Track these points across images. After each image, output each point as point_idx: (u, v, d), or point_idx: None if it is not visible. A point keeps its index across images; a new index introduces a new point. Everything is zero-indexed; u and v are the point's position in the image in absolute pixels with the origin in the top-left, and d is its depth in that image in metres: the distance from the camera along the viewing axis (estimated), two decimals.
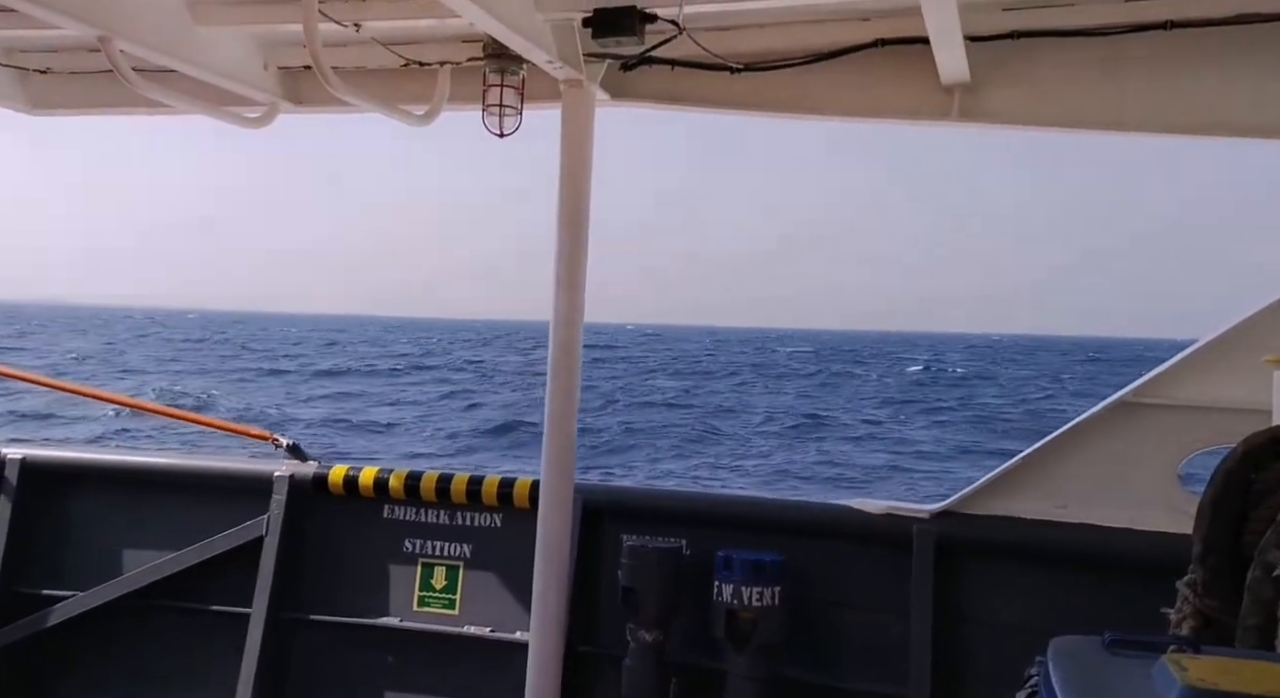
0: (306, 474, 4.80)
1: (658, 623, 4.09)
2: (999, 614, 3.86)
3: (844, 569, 4.13)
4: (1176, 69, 3.52)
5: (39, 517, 5.03)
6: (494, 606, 4.53)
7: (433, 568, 4.65)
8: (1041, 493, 3.85)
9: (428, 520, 4.69)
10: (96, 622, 4.84)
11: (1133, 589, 2.92)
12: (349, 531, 4.76)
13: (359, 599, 4.68)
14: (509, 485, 4.58)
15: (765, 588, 3.90)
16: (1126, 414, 3.74)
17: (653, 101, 4.12)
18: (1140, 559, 3.60)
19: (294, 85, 4.45)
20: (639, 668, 4.09)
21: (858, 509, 4.14)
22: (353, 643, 4.65)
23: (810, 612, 4.08)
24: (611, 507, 4.51)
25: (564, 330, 4.06)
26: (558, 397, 4.08)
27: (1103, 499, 3.75)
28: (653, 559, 4.11)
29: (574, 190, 4.05)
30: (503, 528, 4.60)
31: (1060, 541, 3.81)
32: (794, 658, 4.04)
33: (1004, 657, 3.08)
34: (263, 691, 4.59)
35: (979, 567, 3.96)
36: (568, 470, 4.12)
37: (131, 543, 4.89)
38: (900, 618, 3.94)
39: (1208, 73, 3.50)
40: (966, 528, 3.96)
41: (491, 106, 3.98)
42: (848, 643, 4.07)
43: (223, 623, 4.71)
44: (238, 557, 4.74)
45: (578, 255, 4.06)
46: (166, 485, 5.02)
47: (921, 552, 3.94)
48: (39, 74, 4.49)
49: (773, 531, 4.22)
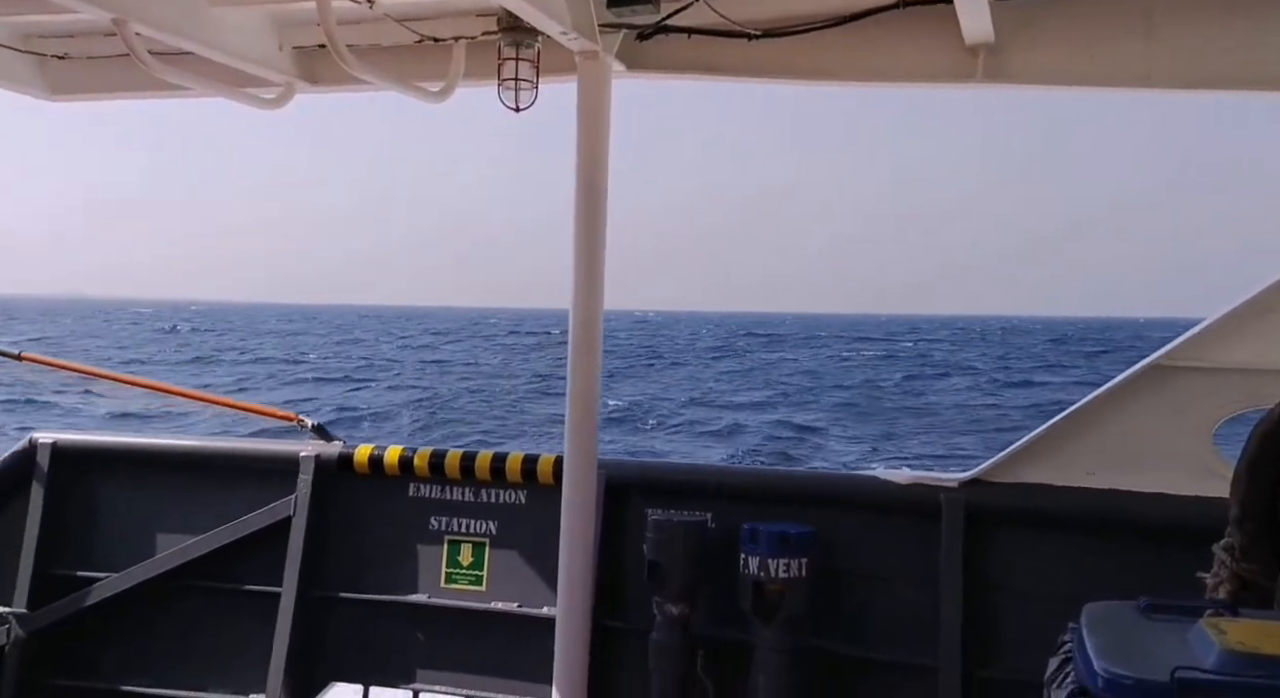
0: (332, 454, 4.83)
1: (684, 597, 4.09)
2: (1029, 583, 3.82)
3: (871, 540, 4.10)
4: (1206, 24, 3.42)
5: (71, 500, 5.10)
6: (520, 581, 4.54)
7: (459, 545, 4.67)
8: (1071, 460, 3.79)
9: (453, 498, 4.71)
10: (130, 603, 4.91)
11: (1167, 555, 2.87)
12: (375, 509, 4.79)
13: (387, 577, 4.71)
14: (533, 462, 4.59)
15: (792, 560, 3.88)
16: (1159, 378, 3.67)
17: (669, 71, 4.07)
18: (1174, 525, 3.55)
19: (309, 65, 4.43)
20: (666, 641, 4.09)
21: (884, 480, 4.11)
22: (381, 620, 4.69)
23: (838, 583, 4.06)
24: (635, 482, 4.50)
25: (584, 306, 4.04)
26: (579, 373, 4.08)
27: (1135, 465, 3.69)
28: (678, 533, 4.10)
29: (591, 163, 4.02)
30: (527, 504, 4.61)
31: (1091, 507, 3.76)
32: (822, 630, 4.02)
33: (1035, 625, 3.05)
34: (294, 667, 4.65)
35: (1008, 535, 3.92)
36: (591, 446, 4.12)
37: (162, 525, 4.95)
38: (929, 588, 3.92)
39: (1238, 27, 3.40)
40: (995, 496, 3.92)
41: (507, 81, 3.94)
42: (876, 614, 4.05)
43: (253, 602, 4.76)
44: (267, 537, 4.78)
45: (596, 230, 4.03)
46: (195, 468, 5.07)
47: (950, 521, 3.90)
48: (57, 59, 4.50)
49: (798, 503, 4.20)
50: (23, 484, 5.07)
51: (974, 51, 3.64)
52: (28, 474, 5.07)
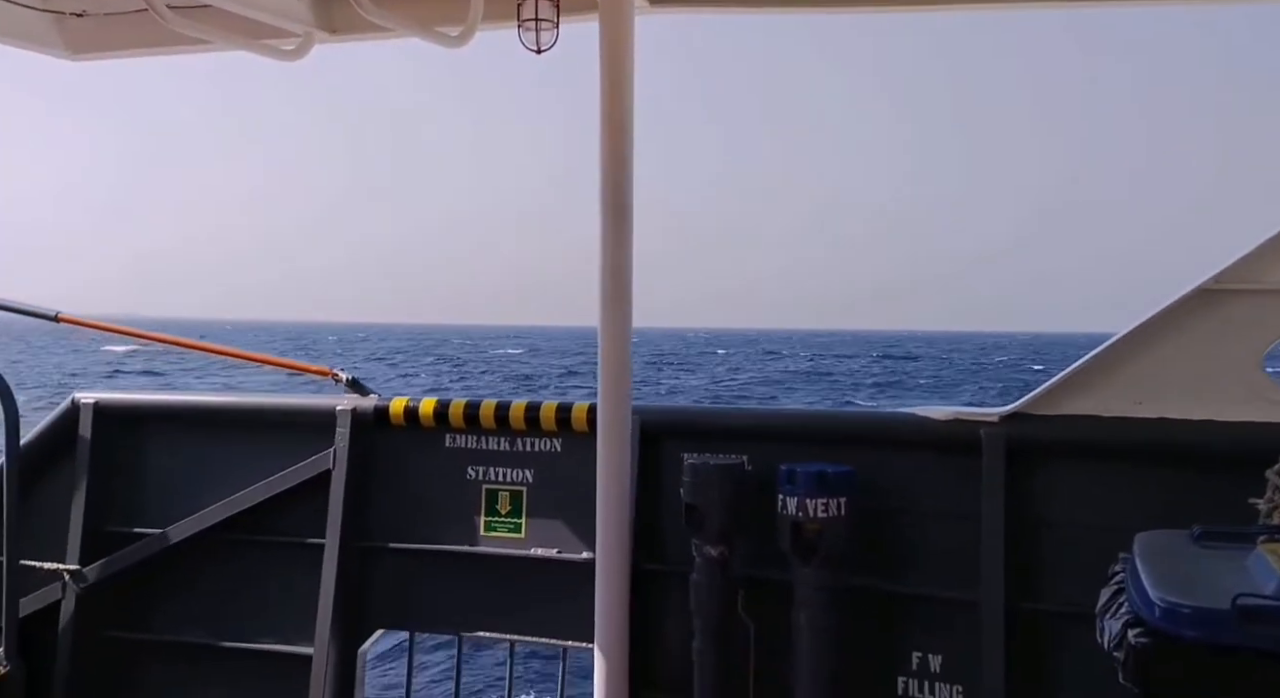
0: (368, 407, 4.86)
1: (722, 538, 4.09)
2: (1074, 515, 3.78)
3: (911, 477, 4.07)
4: None
5: (116, 459, 5.19)
6: (559, 528, 4.57)
7: (497, 494, 4.71)
8: (1116, 390, 3.72)
9: (489, 447, 4.73)
10: (178, 557, 5.01)
11: (1218, 483, 2.82)
12: (413, 460, 4.83)
13: (427, 527, 4.77)
14: (566, 410, 4.59)
15: (830, 499, 3.86)
16: (1206, 302, 3.58)
17: (696, 4, 3.96)
18: (1224, 452, 3.48)
19: (327, 13, 4.36)
20: (705, 583, 4.11)
21: (923, 416, 4.06)
22: (423, 569, 4.75)
23: (878, 521, 4.04)
24: (670, 427, 4.49)
25: (613, 253, 3.99)
26: (610, 321, 4.04)
27: (1182, 393, 3.62)
28: (714, 476, 4.09)
29: (616, 105, 3.94)
30: (563, 452, 4.62)
31: (1138, 437, 3.70)
32: (862, 568, 4.02)
33: (1080, 557, 3.02)
34: (340, 615, 4.73)
35: (1051, 468, 3.87)
36: (624, 392, 4.10)
37: (205, 481, 5.02)
38: (971, 524, 3.89)
39: None
40: (1037, 429, 3.86)
41: (527, 21, 3.85)
42: (918, 550, 4.04)
43: (298, 554, 4.84)
44: (308, 490, 4.84)
45: (622, 176, 3.96)
46: (235, 424, 5.12)
47: (991, 455, 3.86)
48: (74, 17, 4.45)
49: (835, 442, 4.17)
50: (68, 445, 5.16)
51: None
52: (72, 435, 5.16)
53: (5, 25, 4.30)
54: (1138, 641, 1.86)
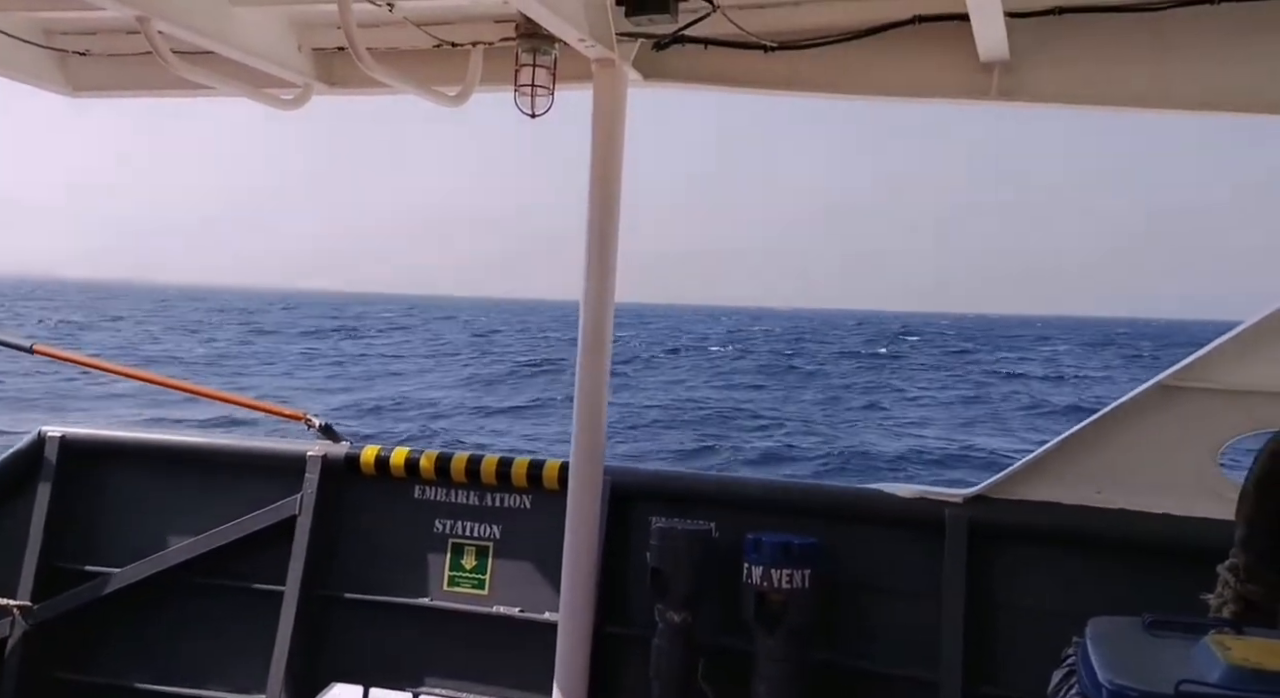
0: (339, 454, 4.85)
1: (686, 604, 4.09)
2: (1033, 600, 3.82)
3: (875, 553, 4.10)
4: (1224, 46, 3.43)
5: (78, 494, 5.12)
6: (523, 586, 4.55)
7: (463, 548, 4.68)
8: (1077, 478, 3.80)
9: (458, 501, 4.72)
10: (134, 598, 4.92)
11: (1171, 575, 2.88)
12: (381, 510, 4.80)
13: (390, 578, 4.72)
14: (538, 467, 4.60)
15: (795, 570, 3.88)
16: (1165, 398, 3.68)
17: (685, 81, 4.09)
18: (1179, 545, 3.55)
19: (328, 67, 4.47)
20: (667, 649, 4.09)
21: (889, 494, 4.11)
22: (384, 621, 4.70)
23: (841, 595, 4.06)
24: (640, 489, 4.51)
25: (594, 311, 4.06)
26: (587, 378, 4.09)
27: (1140, 485, 3.70)
28: (681, 541, 4.11)
29: (605, 171, 4.05)
30: (532, 509, 4.62)
31: (1096, 526, 3.77)
32: (824, 641, 4.02)
33: (1038, 642, 3.05)
34: (295, 666, 4.65)
35: (1012, 552, 3.92)
36: (597, 452, 4.13)
37: (168, 520, 4.96)
38: (932, 602, 3.92)
39: (1252, 48, 3.41)
40: (1000, 513, 3.92)
41: (524, 87, 3.97)
42: (879, 627, 4.05)
43: (257, 600, 4.77)
44: (272, 535, 4.79)
45: (609, 236, 4.05)
46: (202, 464, 5.08)
47: (954, 536, 3.91)
48: (78, 56, 4.54)
49: (803, 514, 4.21)
50: (30, 477, 5.09)
51: (989, 69, 3.65)
52: (35, 467, 5.09)
53: (9, 61, 4.38)
54: None
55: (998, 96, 3.66)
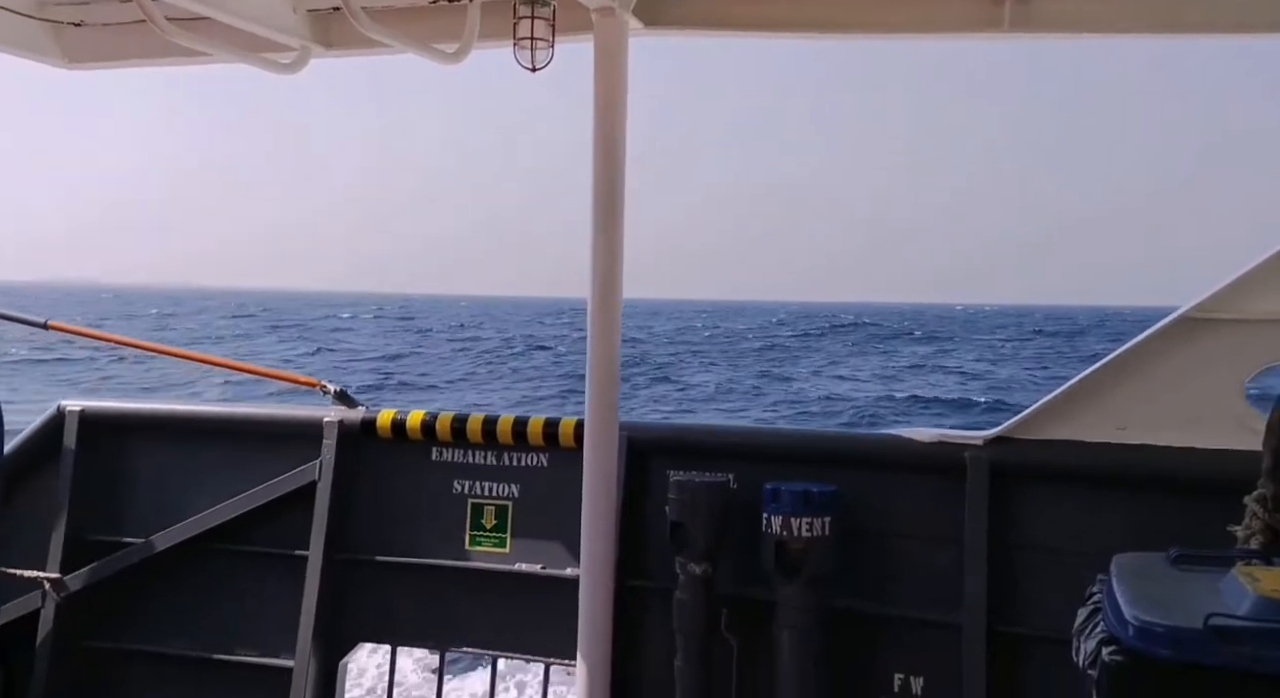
0: (355, 419, 4.86)
1: (706, 556, 4.10)
2: (1057, 539, 3.80)
3: (895, 498, 4.08)
4: None
5: (100, 467, 5.16)
6: (544, 544, 4.57)
7: (482, 508, 4.70)
8: (1099, 416, 3.75)
9: (475, 462, 4.73)
10: (160, 567, 4.98)
11: (1198, 510, 2.85)
12: (399, 473, 4.82)
13: (412, 540, 4.75)
14: (554, 425, 4.60)
15: (814, 518, 3.87)
16: (1189, 330, 3.62)
17: (689, 28, 4.01)
18: (1205, 479, 3.51)
19: (324, 28, 4.39)
20: (689, 601, 4.10)
21: (908, 438, 4.09)
22: (407, 582, 4.73)
23: (861, 542, 4.05)
24: (657, 443, 4.50)
25: (604, 268, 4.02)
26: (599, 336, 4.06)
27: (1165, 420, 3.65)
28: (700, 493, 4.10)
29: (608, 124, 3.98)
30: (549, 467, 4.62)
31: (1120, 463, 3.73)
32: (845, 588, 4.03)
33: (1063, 581, 3.04)
34: (322, 628, 4.71)
35: (1034, 492, 3.89)
36: (612, 409, 4.12)
37: (190, 490, 5.00)
38: (954, 546, 3.90)
39: None
40: (1021, 453, 3.89)
41: (522, 40, 3.89)
42: (900, 572, 4.05)
43: (281, 565, 4.82)
44: (292, 501, 4.83)
45: (614, 190, 4.00)
46: (221, 434, 5.11)
47: (975, 478, 3.88)
48: (73, 27, 4.48)
49: (821, 462, 4.19)
50: (52, 452, 5.13)
51: (1000, 0, 3.55)
52: (57, 442, 5.13)
53: (2, 34, 4.32)
54: (1111, 659, 1.88)
55: (1010, 28, 3.55)
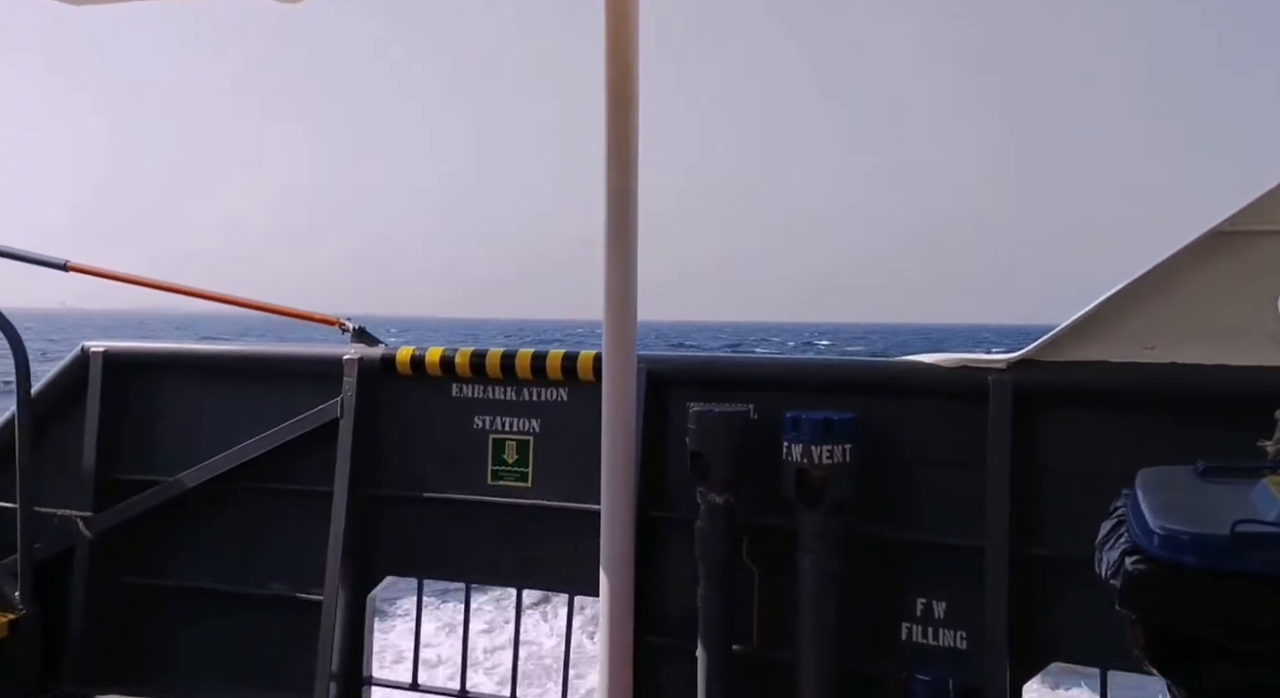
0: (375, 357, 4.87)
1: (727, 486, 4.09)
2: (1082, 461, 3.75)
3: (917, 425, 4.04)
4: None
5: (126, 407, 5.23)
6: (565, 477, 4.59)
7: (503, 443, 4.72)
8: (1126, 336, 3.67)
9: (495, 397, 4.74)
10: (189, 504, 5.07)
11: (1228, 427, 2.77)
12: (420, 409, 4.84)
13: (435, 475, 4.79)
14: (573, 359, 4.58)
15: (835, 446, 3.85)
16: (1220, 244, 3.50)
17: None
18: (1236, 395, 3.43)
19: None
20: (710, 529, 4.11)
21: (929, 364, 4.03)
22: (431, 517, 4.78)
23: (883, 469, 4.03)
24: (676, 375, 4.48)
25: (617, 205, 3.95)
26: (615, 269, 4.01)
27: (1195, 337, 3.56)
28: (720, 423, 4.08)
29: (620, 63, 3.86)
30: (569, 401, 4.62)
31: (1148, 381, 3.65)
32: (868, 515, 4.02)
33: (1088, 501, 3.00)
34: (349, 562, 4.78)
35: (1060, 415, 3.83)
36: (630, 341, 4.09)
37: (214, 429, 5.06)
38: (977, 470, 3.86)
39: None
40: (1045, 375, 3.82)
41: None
42: (923, 498, 4.03)
43: (306, 502, 4.89)
44: (316, 438, 4.87)
45: (628, 129, 3.89)
46: (243, 373, 5.15)
47: (998, 402, 3.82)
48: None
49: (841, 390, 4.15)
50: (78, 393, 5.20)
51: None
52: (82, 383, 5.20)
53: None
54: (1135, 567, 1.84)
55: None
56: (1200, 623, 1.76)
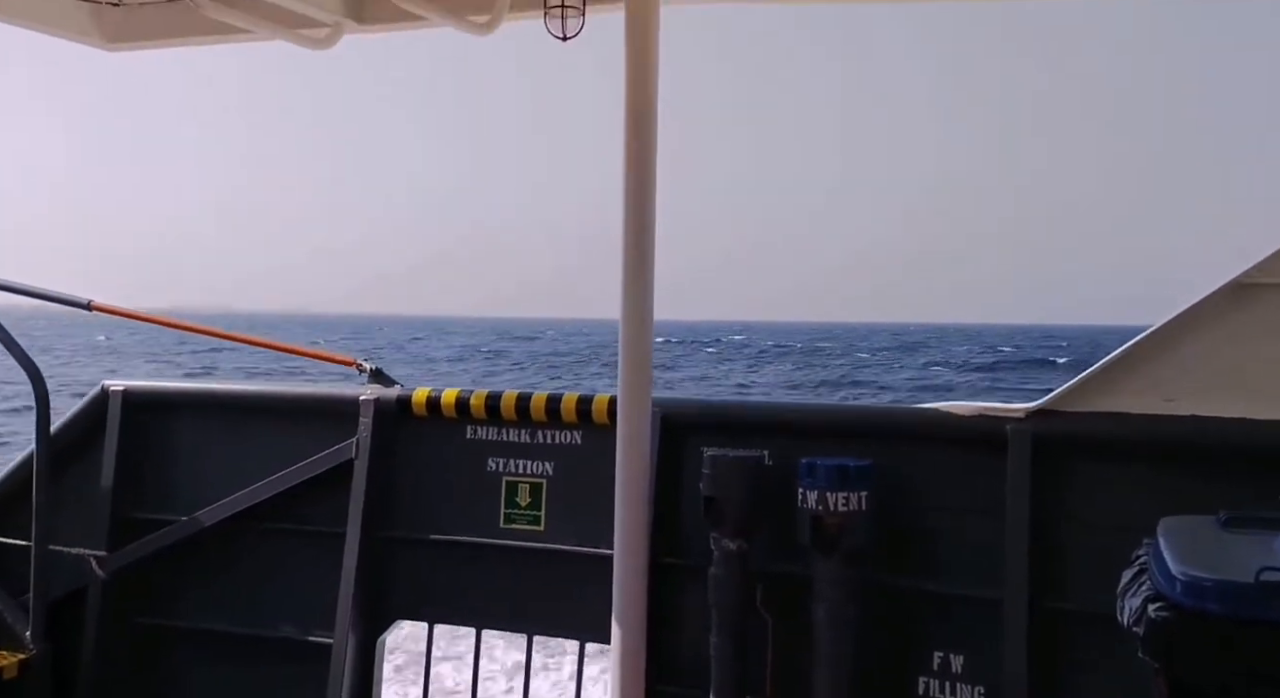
0: (391, 397, 4.88)
1: (741, 532, 4.06)
2: (1100, 513, 3.69)
3: (934, 473, 4.00)
4: None
5: (143, 446, 5.25)
6: (579, 521, 4.56)
7: (517, 486, 4.70)
8: (1145, 387, 3.64)
9: (509, 439, 4.73)
10: (203, 544, 5.06)
11: (1248, 482, 2.74)
12: (434, 451, 4.84)
13: (447, 518, 4.77)
14: (587, 402, 4.58)
15: (851, 493, 3.81)
16: (1239, 296, 3.49)
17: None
18: (1256, 448, 3.39)
19: (357, 3, 4.41)
20: (724, 576, 4.07)
21: (947, 412, 4.00)
22: (443, 560, 4.75)
23: (900, 517, 3.98)
24: (691, 419, 4.47)
25: (635, 241, 3.98)
26: (632, 311, 4.03)
27: (1215, 390, 3.52)
28: (734, 468, 4.06)
29: (640, 94, 3.94)
30: (583, 444, 4.61)
31: (1167, 433, 3.61)
32: (883, 564, 3.96)
33: (1106, 554, 2.96)
34: (360, 605, 4.75)
35: (1078, 465, 3.79)
36: (645, 385, 4.08)
37: (230, 469, 5.07)
38: (995, 521, 3.81)
39: None
40: (1064, 426, 3.78)
41: (553, 8, 3.87)
42: (940, 547, 3.97)
43: (320, 543, 4.87)
44: (330, 479, 4.87)
45: (646, 159, 3.96)
46: (260, 413, 5.17)
47: (1017, 452, 3.79)
48: (111, 6, 4.54)
49: (857, 437, 4.12)
50: (97, 431, 5.23)
51: None
52: (101, 422, 5.23)
53: (43, 14, 4.40)
54: (1158, 614, 1.80)
55: None
56: (1224, 671, 1.72)
